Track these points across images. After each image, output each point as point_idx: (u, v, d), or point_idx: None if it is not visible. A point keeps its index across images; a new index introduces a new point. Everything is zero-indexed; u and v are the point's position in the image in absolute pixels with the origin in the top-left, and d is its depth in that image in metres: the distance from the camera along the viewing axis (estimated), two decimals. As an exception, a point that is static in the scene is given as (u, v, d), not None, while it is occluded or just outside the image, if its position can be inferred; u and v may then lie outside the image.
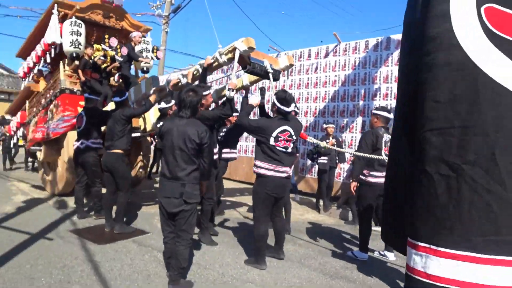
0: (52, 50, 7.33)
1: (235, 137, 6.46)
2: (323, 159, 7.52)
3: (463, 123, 1.10)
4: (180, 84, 5.32)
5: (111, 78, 8.22)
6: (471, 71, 1.10)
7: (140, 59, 7.54)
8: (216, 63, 4.79)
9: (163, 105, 5.61)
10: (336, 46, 9.63)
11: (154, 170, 11.58)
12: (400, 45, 2.10)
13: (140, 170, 8.33)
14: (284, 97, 4.20)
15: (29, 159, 12.44)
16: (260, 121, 4.33)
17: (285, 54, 9.44)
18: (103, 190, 5.84)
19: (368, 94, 8.73)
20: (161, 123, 4.29)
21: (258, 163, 4.20)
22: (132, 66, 8.01)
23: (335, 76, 9.59)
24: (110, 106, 6.60)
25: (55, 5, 7.17)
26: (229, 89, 4.32)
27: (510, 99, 1.09)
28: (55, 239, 4.84)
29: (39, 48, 7.87)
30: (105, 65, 7.56)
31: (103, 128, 6.10)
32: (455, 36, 1.13)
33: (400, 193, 1.49)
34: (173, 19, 18.18)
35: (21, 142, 12.44)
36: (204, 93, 4.41)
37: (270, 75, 4.73)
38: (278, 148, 4.11)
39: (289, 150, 4.20)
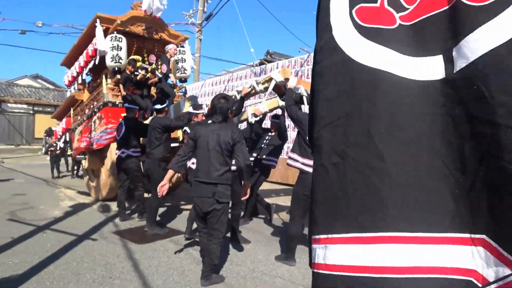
0: (94, 60, 7.69)
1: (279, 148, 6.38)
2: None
3: (346, 112, 1.14)
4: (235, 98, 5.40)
5: (152, 88, 8.53)
6: (349, 65, 1.12)
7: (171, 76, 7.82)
8: (253, 91, 5.03)
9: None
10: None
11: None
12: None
13: (179, 175, 8.65)
14: None
15: (75, 167, 13.13)
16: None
17: (282, 67, 9.62)
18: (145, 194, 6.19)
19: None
20: (193, 129, 4.48)
21: (294, 156, 4.30)
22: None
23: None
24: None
25: (97, 19, 7.56)
26: (252, 114, 4.50)
27: (377, 76, 1.11)
28: (98, 239, 5.19)
29: (81, 59, 8.26)
30: (141, 77, 7.81)
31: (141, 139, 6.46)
32: (335, 41, 1.18)
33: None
34: (205, 26, 18.59)
35: (69, 152, 13.14)
36: (197, 112, 4.81)
37: (305, 98, 4.84)
38: None
39: None
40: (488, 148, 0.94)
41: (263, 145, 6.21)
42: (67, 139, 13.32)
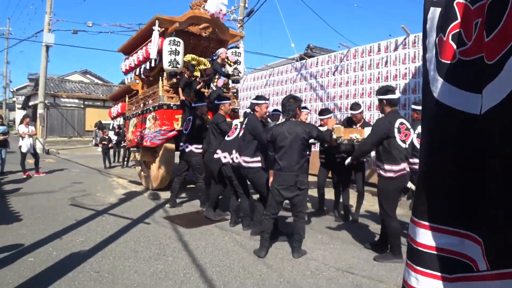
0: (151, 62, 7.92)
1: None
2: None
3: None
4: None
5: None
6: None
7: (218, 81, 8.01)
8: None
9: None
10: (405, 39, 9.66)
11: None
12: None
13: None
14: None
15: (125, 158, 13.96)
16: None
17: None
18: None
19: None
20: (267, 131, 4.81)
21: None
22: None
23: (405, 69, 9.65)
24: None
25: (156, 21, 7.65)
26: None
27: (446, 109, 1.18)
28: (151, 223, 5.75)
29: (140, 54, 8.39)
30: (200, 86, 7.82)
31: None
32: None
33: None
34: (247, 22, 19.01)
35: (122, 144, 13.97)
36: (259, 102, 5.31)
37: (355, 145, 5.20)
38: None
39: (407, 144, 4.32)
40: None
41: None
42: (119, 131, 14.14)
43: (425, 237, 1.27)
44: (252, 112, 5.40)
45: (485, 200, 1.07)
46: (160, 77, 8.17)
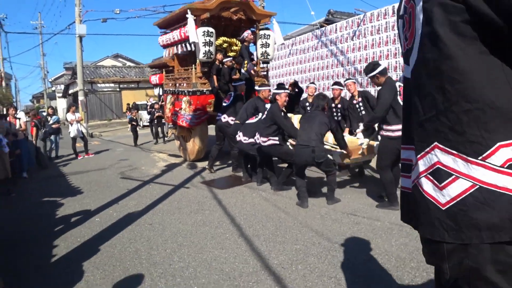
0: (189, 46, 8.40)
1: None
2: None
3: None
4: None
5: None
6: None
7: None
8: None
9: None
10: (418, -2, 9.97)
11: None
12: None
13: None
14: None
15: (163, 133, 14.96)
16: None
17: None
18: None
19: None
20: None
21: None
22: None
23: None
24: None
25: (189, 10, 8.09)
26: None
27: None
28: (190, 187, 6.71)
29: (176, 35, 8.85)
30: (236, 77, 8.54)
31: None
32: None
33: None
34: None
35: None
36: (280, 91, 6.05)
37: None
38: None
39: None
40: None
41: None
42: (151, 110, 15.08)
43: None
44: (275, 101, 6.09)
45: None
46: (193, 64, 8.70)
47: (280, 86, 6.23)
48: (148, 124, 17.51)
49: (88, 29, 21.03)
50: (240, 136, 6.64)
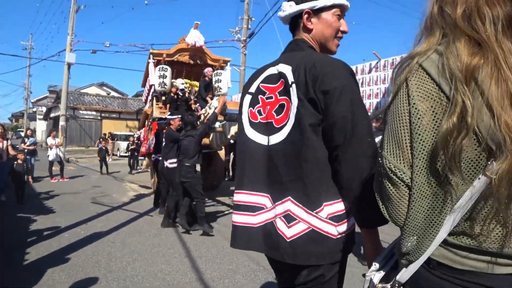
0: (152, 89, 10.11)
1: None
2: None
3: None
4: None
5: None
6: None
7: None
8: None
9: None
10: (377, 63, 11.30)
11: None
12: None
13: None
14: None
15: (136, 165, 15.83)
16: None
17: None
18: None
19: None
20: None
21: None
22: None
23: (377, 89, 11.28)
24: None
25: (151, 55, 10.03)
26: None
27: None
28: (154, 216, 7.50)
29: (147, 85, 10.76)
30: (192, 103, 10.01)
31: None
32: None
33: None
34: (249, 42, 20.84)
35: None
36: (174, 117, 7.04)
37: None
38: None
39: None
40: None
41: None
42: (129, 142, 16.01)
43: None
44: (169, 125, 7.13)
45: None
46: (155, 97, 10.21)
47: (173, 112, 7.50)
48: (125, 154, 18.36)
49: (77, 57, 21.90)
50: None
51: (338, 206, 1.45)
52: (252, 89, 1.69)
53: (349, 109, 1.36)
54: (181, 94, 10.12)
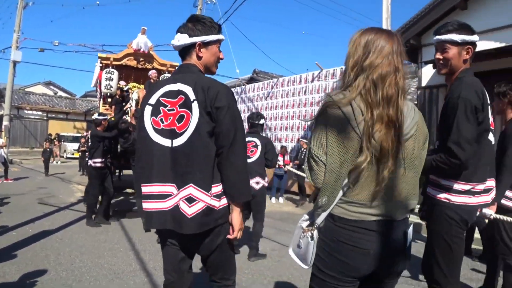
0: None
1: None
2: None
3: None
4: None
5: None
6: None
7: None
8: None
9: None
10: (319, 72, 12.09)
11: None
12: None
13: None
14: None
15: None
16: None
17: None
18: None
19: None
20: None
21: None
22: None
23: (319, 97, 12.03)
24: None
25: (99, 59, 10.37)
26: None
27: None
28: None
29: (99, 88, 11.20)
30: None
31: None
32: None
33: None
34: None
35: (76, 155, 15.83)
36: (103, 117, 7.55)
37: None
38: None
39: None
40: None
41: None
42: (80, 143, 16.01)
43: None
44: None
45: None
46: (101, 99, 10.68)
47: (101, 114, 7.98)
48: (72, 156, 18.24)
49: (24, 55, 21.35)
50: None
51: (219, 187, 2.06)
52: (152, 101, 2.11)
53: (233, 121, 2.01)
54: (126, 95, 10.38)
